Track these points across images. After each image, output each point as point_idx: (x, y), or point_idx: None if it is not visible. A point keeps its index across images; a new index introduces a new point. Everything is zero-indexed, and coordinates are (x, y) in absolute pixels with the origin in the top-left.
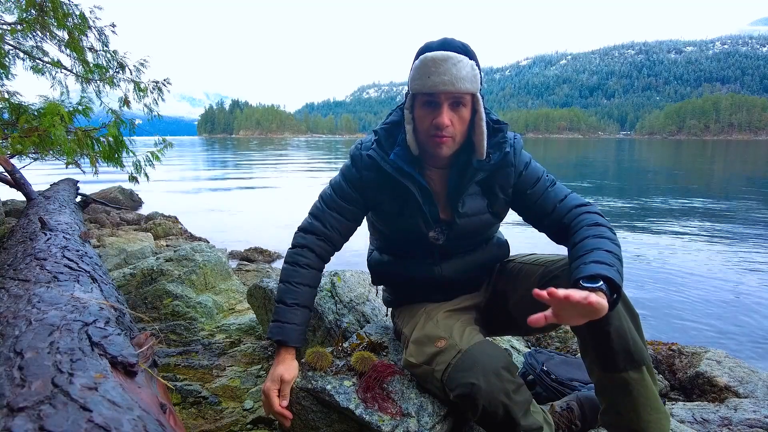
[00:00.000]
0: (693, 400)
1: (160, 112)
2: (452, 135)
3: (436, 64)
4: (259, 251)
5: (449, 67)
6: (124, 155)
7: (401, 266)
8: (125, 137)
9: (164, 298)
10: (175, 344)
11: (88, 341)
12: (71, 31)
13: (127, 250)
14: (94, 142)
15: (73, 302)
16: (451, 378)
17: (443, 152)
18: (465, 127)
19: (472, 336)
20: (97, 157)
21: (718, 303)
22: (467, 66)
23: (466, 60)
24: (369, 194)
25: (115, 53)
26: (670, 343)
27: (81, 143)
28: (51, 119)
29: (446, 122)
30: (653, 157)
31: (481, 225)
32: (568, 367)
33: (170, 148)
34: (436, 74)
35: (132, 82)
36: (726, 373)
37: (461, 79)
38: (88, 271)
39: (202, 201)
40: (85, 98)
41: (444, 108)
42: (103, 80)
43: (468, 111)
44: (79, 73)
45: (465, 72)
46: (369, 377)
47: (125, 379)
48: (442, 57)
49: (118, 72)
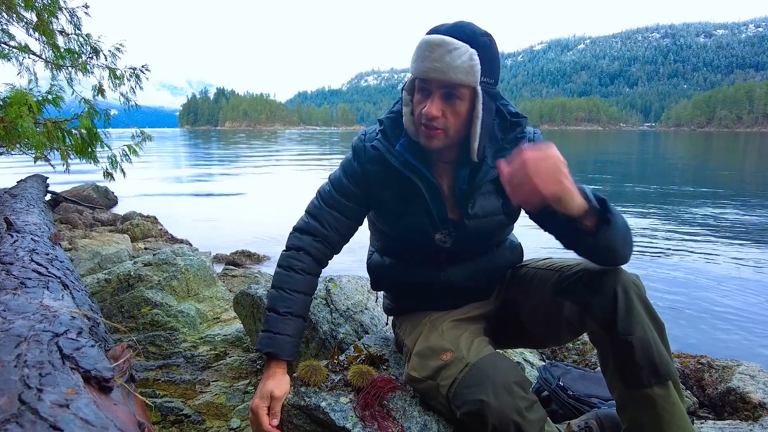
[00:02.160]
0: (724, 419)
1: (138, 101)
2: (443, 127)
3: (430, 48)
4: (246, 255)
5: (443, 53)
6: (98, 149)
7: (404, 270)
8: (99, 129)
9: (142, 306)
10: (154, 357)
11: (59, 354)
12: (40, 13)
13: (101, 253)
14: (65, 134)
15: (42, 311)
16: (458, 394)
17: (432, 144)
18: (460, 121)
19: (481, 348)
20: (69, 151)
21: (751, 311)
22: (464, 55)
23: (465, 48)
24: (372, 190)
25: (88, 37)
26: (698, 356)
27: (51, 136)
28: (18, 109)
29: (433, 113)
30: (682, 150)
31: (492, 227)
32: (587, 382)
33: (149, 141)
34: (428, 59)
35: (107, 68)
36: (761, 388)
37: (454, 68)
38: (59, 276)
39: (184, 200)
40: (56, 86)
41: (435, 97)
42: (75, 66)
43: (465, 105)
44: (48, 58)
45: (460, 61)
46: (367, 393)
47: (99, 395)
48: (437, 41)
49: (91, 57)
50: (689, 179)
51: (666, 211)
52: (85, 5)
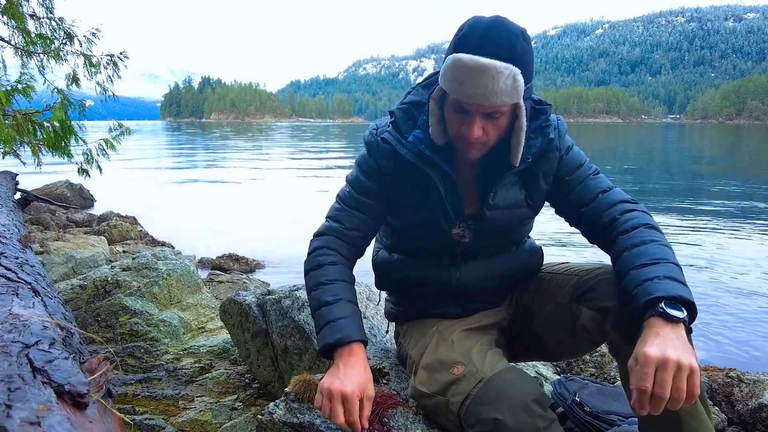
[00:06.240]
0: None
1: (116, 91)
2: (484, 142)
3: (469, 74)
4: (234, 258)
5: (485, 80)
6: (72, 143)
7: (414, 267)
8: (74, 122)
9: (120, 315)
10: (133, 370)
11: (30, 366)
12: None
13: (76, 257)
14: (37, 127)
15: (11, 320)
16: (471, 412)
17: (471, 156)
18: (501, 132)
19: (496, 361)
20: (40, 145)
21: None
22: (508, 77)
23: (508, 71)
24: (388, 185)
25: (61, 21)
26: (727, 369)
27: (20, 129)
28: None
29: (476, 134)
30: (711, 147)
31: (514, 220)
32: (606, 397)
33: (128, 134)
34: (468, 85)
35: (82, 55)
36: None
37: (497, 93)
38: (29, 282)
39: (166, 199)
40: (26, 75)
41: (476, 118)
42: (47, 53)
43: (506, 119)
44: (18, 44)
45: (503, 86)
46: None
47: (74, 411)
48: (478, 67)
49: (65, 43)
50: (721, 179)
51: (688, 212)
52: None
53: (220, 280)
